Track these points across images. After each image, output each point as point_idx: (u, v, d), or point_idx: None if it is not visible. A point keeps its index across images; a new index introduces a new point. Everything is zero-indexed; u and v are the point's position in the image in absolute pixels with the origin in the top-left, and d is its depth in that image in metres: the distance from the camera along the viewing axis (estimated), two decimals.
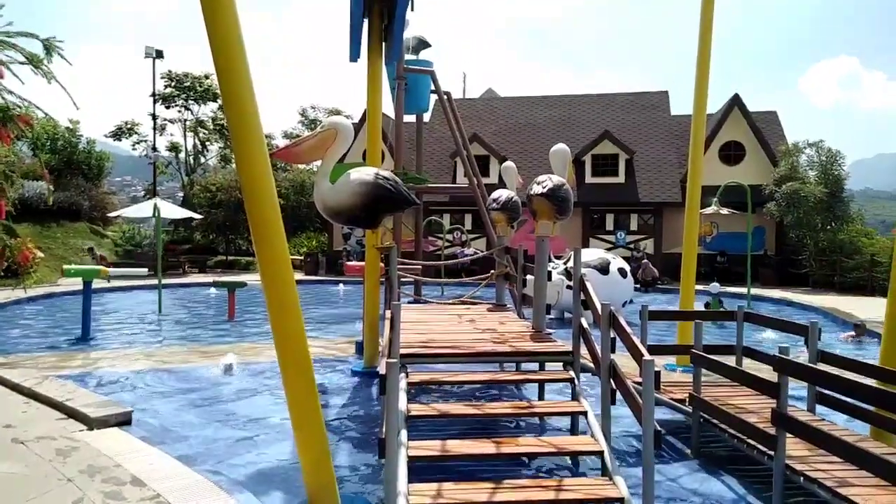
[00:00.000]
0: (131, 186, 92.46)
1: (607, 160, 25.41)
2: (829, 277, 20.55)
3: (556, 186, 5.69)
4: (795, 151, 22.64)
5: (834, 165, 21.53)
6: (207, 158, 38.66)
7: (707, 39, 8.51)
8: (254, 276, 21.50)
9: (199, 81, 35.11)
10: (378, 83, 7.38)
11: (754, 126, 24.55)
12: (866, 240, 20.61)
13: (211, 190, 28.84)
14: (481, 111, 30.29)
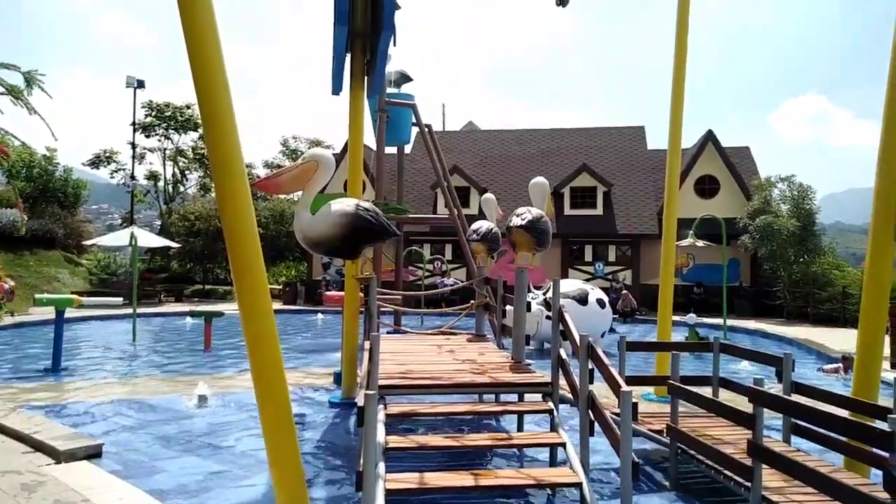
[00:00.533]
0: (108, 214, 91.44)
1: (586, 192, 25.79)
2: (803, 309, 20.90)
3: (535, 219, 5.77)
4: (768, 186, 23.20)
5: (806, 200, 22.08)
6: (186, 187, 38.49)
7: (681, 77, 8.77)
8: (231, 306, 21.26)
9: (180, 111, 35.15)
10: (360, 116, 7.47)
11: (728, 161, 25.15)
12: (838, 272, 21.06)
13: (189, 219, 28.64)
14: (462, 143, 30.66)
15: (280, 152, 44.34)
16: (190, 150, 36.67)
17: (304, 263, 28.77)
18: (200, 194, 37.49)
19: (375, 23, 6.90)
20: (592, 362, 4.38)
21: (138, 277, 16.42)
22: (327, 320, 19.57)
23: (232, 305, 21.82)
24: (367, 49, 7.23)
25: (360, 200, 4.80)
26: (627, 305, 20.93)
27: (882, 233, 5.14)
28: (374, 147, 14.29)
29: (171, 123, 35.15)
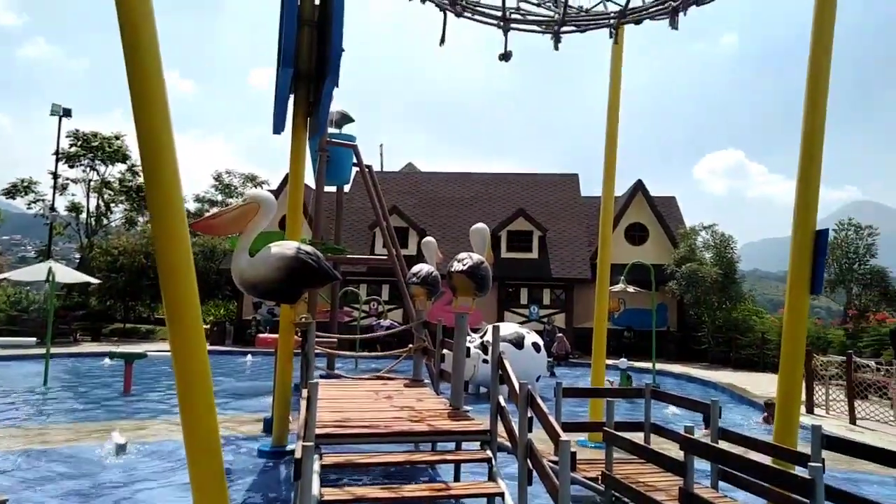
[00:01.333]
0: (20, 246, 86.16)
1: (522, 236, 26.34)
2: (726, 353, 21.82)
3: (475, 264, 5.83)
4: (693, 234, 24.40)
5: (727, 249, 23.31)
6: (111, 220, 36.83)
7: (614, 130, 9.19)
8: (154, 346, 20.23)
9: (108, 142, 33.85)
10: (301, 156, 7.41)
11: (656, 209, 26.34)
12: (757, 318, 22.18)
13: (113, 254, 27.34)
14: (402, 184, 30.85)
15: (213, 187, 43.25)
16: (117, 182, 35.23)
17: (234, 302, 27.87)
18: (125, 228, 35.94)
19: (320, 65, 6.93)
20: (531, 410, 4.40)
21: (53, 315, 15.43)
22: (257, 362, 18.90)
23: (155, 346, 20.76)
24: (311, 91, 7.23)
25: (301, 244, 4.71)
26: (562, 349, 21.24)
27: (798, 285, 5.46)
28: (313, 186, 14.17)
29: (99, 154, 33.77)
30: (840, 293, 21.59)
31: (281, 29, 7.03)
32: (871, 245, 20.39)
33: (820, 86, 5.00)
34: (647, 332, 18.27)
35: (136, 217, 36.54)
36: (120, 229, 36.06)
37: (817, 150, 5.18)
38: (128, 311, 28.92)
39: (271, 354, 8.73)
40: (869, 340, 16.36)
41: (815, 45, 5.01)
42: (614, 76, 8.90)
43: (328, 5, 6.47)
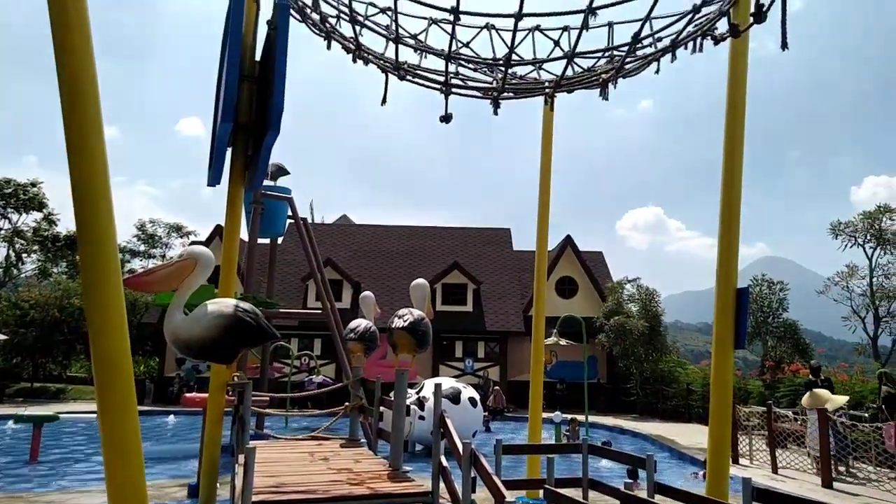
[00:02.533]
0: None
1: (456, 289, 26.51)
2: (654, 405, 22.37)
3: (416, 320, 5.81)
4: (619, 288, 25.27)
5: (652, 302, 24.23)
6: (22, 272, 34.58)
7: (546, 187, 9.54)
8: (66, 407, 18.82)
9: (23, 189, 32.12)
10: (237, 209, 7.25)
11: (585, 264, 27.20)
12: (682, 370, 22.97)
13: (23, 307, 25.55)
14: (336, 236, 30.64)
15: (135, 237, 41.33)
16: (31, 232, 33.29)
17: (156, 358, 26.45)
18: (38, 280, 33.79)
19: (261, 119, 6.90)
20: (474, 469, 4.36)
21: None
22: (180, 423, 17.86)
23: (66, 406, 19.32)
24: (250, 144, 7.17)
25: (240, 301, 4.57)
26: (498, 402, 21.23)
27: (723, 341, 5.74)
28: (246, 238, 13.86)
29: (11, 202, 31.93)
30: (756, 345, 22.74)
31: (219, 83, 6.99)
32: (782, 300, 21.71)
33: (735, 158, 5.41)
34: (579, 384, 18.56)
35: (51, 268, 34.49)
36: (31, 281, 33.86)
37: (735, 218, 5.55)
38: (37, 368, 26.88)
39: (195, 414, 8.30)
40: (785, 390, 17.21)
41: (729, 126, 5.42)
42: (546, 138, 9.31)
43: (270, 61, 6.51)
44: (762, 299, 21.73)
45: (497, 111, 5.08)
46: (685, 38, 4.44)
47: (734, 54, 5.63)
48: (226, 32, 6.74)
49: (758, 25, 3.65)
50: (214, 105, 7.13)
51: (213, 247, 25.49)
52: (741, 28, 4.10)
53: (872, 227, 26.07)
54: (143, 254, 41.03)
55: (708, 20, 4.50)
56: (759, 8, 3.55)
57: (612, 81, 4.87)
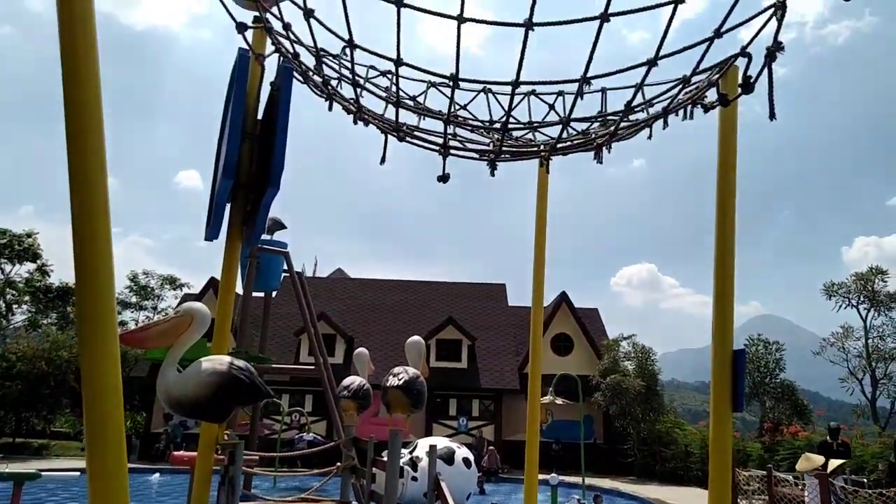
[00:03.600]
0: None
1: (451, 345, 26.30)
2: (652, 467, 21.90)
3: (411, 379, 5.75)
4: (615, 345, 25.13)
5: (648, 360, 24.06)
6: (11, 323, 34.20)
7: (541, 244, 9.61)
8: (48, 464, 18.27)
9: (18, 240, 32.12)
10: (234, 265, 7.27)
11: (580, 321, 27.12)
12: (679, 431, 22.61)
13: (10, 359, 25.13)
14: (330, 290, 30.58)
15: (127, 288, 40.99)
16: (23, 282, 33.10)
17: (143, 413, 25.88)
18: (26, 331, 33.38)
19: (261, 176, 7.00)
20: None
21: None
22: (165, 482, 17.33)
23: (49, 463, 18.75)
24: (249, 200, 7.25)
25: (235, 358, 4.53)
26: (492, 463, 20.73)
27: (721, 404, 5.68)
28: (241, 292, 13.80)
29: (6, 252, 31.88)
30: (754, 406, 22.49)
31: (221, 140, 7.14)
32: (779, 360, 21.62)
33: (727, 221, 5.49)
34: (575, 444, 18.19)
35: (41, 319, 34.12)
36: (20, 332, 33.46)
37: (729, 278, 5.60)
38: (20, 423, 26.22)
39: (182, 473, 8.07)
40: (784, 453, 16.92)
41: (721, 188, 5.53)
42: (541, 197, 9.45)
43: (272, 120, 6.66)
44: (759, 359, 21.64)
45: (494, 173, 5.17)
46: (676, 106, 4.58)
47: (724, 119, 5.79)
48: (229, 91, 6.94)
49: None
50: (215, 161, 7.26)
51: (207, 299, 25.35)
52: (730, 98, 4.24)
53: (865, 288, 26.21)
54: (134, 305, 40.69)
55: (698, 89, 4.65)
56: (746, 79, 3.68)
57: (607, 146, 5.00)
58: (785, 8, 3.35)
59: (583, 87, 4.35)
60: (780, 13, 3.38)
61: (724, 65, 4.37)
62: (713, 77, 4.47)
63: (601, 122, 5.57)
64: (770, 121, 3.73)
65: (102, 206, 3.37)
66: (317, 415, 24.01)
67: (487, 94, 5.66)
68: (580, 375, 19.46)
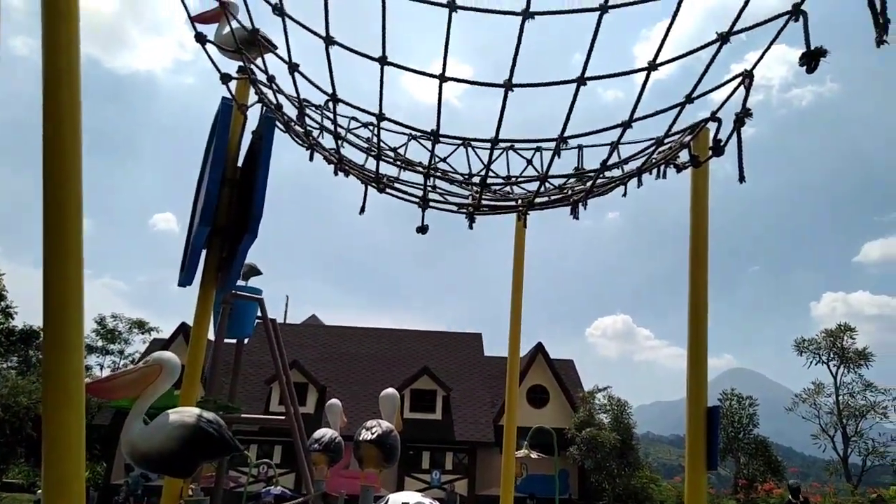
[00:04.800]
0: None
1: (425, 396, 25.90)
2: None
3: (385, 433, 5.64)
4: (590, 398, 25.00)
5: (623, 414, 23.93)
6: None
7: (518, 300, 9.63)
8: None
9: None
10: (207, 312, 7.14)
11: (556, 372, 27.00)
12: (655, 487, 22.35)
13: None
14: (303, 337, 30.10)
15: (94, 332, 39.79)
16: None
17: (103, 464, 24.82)
18: None
19: (239, 223, 6.97)
20: None
21: None
22: None
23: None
24: (226, 246, 7.20)
25: (204, 411, 4.39)
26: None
27: (696, 461, 5.65)
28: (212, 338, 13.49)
29: None
30: (728, 461, 22.38)
31: (200, 185, 7.12)
32: (752, 415, 21.68)
33: (700, 277, 5.59)
34: (550, 499, 17.85)
35: (1, 363, 32.93)
36: None
37: (703, 335, 5.65)
38: None
39: None
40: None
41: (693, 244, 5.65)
42: (518, 250, 9.53)
43: (252, 168, 6.68)
44: (732, 414, 21.67)
45: (472, 226, 5.22)
46: (650, 166, 4.72)
47: (696, 178, 5.96)
48: (211, 138, 6.97)
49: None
50: (193, 206, 7.22)
51: (177, 345, 24.77)
52: (701, 159, 4.38)
53: (835, 345, 26.62)
54: (100, 350, 39.50)
55: (671, 149, 4.80)
56: (716, 142, 3.82)
57: (583, 202, 5.10)
58: (752, 77, 3.51)
59: (560, 146, 4.47)
60: (748, 82, 3.54)
61: (696, 128, 4.53)
62: (685, 139, 4.63)
63: (577, 178, 5.70)
64: (740, 183, 3.85)
65: (76, 250, 3.32)
66: (286, 467, 23.24)
67: (467, 147, 5.77)
68: (555, 428, 19.25)
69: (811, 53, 2.92)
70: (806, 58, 2.95)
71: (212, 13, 5.64)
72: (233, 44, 5.08)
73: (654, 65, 3.19)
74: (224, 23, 5.83)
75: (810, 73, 3.03)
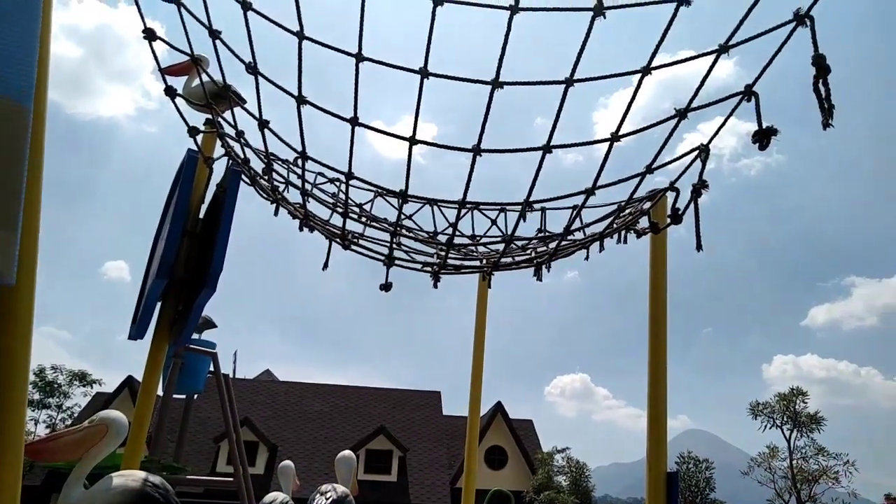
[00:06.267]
0: None
1: (381, 456, 25.18)
2: None
3: (340, 498, 5.43)
4: (549, 459, 24.70)
5: (582, 476, 23.67)
6: None
7: (479, 359, 9.56)
8: None
9: None
10: (158, 367, 6.86)
11: (515, 433, 26.68)
12: None
13: None
14: (256, 393, 29.14)
15: (31, 384, 37.65)
16: None
17: None
18: None
19: (198, 276, 6.82)
20: None
21: None
22: None
23: None
24: (182, 299, 7.01)
25: (150, 475, 4.15)
26: None
27: None
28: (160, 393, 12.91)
29: None
30: None
31: (158, 236, 6.96)
32: (709, 478, 21.69)
33: (660, 341, 5.68)
34: None
35: None
36: None
37: (662, 399, 5.70)
38: None
39: None
40: None
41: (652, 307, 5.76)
42: (480, 309, 9.52)
43: (215, 220, 6.59)
44: (689, 477, 21.66)
45: (436, 285, 5.23)
46: (611, 231, 4.84)
47: (655, 244, 6.13)
48: (173, 189, 6.87)
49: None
50: (149, 256, 7.04)
51: (122, 400, 23.66)
52: (660, 227, 4.52)
53: (788, 409, 27.07)
54: (36, 403, 37.30)
55: (632, 215, 4.95)
56: (675, 211, 3.95)
57: (546, 264, 5.18)
58: (708, 152, 3.69)
59: (525, 210, 4.56)
60: (704, 155, 3.71)
61: (655, 196, 4.70)
62: (645, 206, 4.79)
63: (541, 240, 5.80)
64: (697, 252, 3.97)
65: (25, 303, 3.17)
66: None
67: (433, 206, 5.83)
68: (514, 491, 18.86)
69: (763, 132, 3.10)
70: (758, 135, 3.12)
71: (182, 66, 5.67)
72: (202, 97, 5.09)
73: (617, 136, 3.33)
74: (194, 75, 5.85)
75: (762, 150, 3.20)
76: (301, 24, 3.08)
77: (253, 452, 23.64)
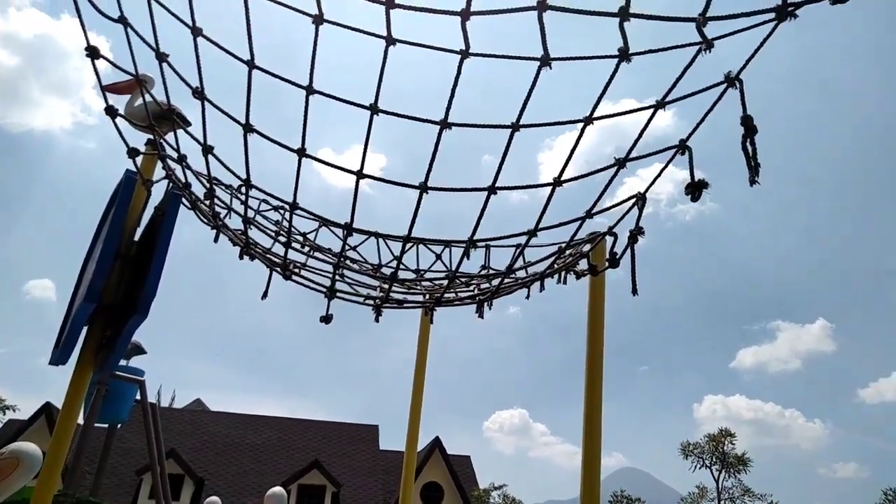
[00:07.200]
0: None
1: (314, 492, 24.42)
2: None
3: None
4: (485, 496, 24.49)
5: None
6: None
7: (419, 390, 9.48)
8: None
9: None
10: (81, 394, 6.48)
11: (452, 469, 26.40)
12: None
13: None
14: (184, 423, 27.92)
15: None
16: None
17: None
18: None
19: (128, 301, 6.55)
20: None
21: None
22: None
23: None
24: (110, 325, 6.70)
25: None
26: None
27: None
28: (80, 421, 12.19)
29: None
30: None
31: (89, 258, 6.67)
32: None
33: (596, 379, 5.78)
34: None
35: None
36: None
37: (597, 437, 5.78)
38: None
39: None
40: None
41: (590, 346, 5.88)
42: (422, 344, 9.47)
43: (150, 244, 6.38)
44: None
45: (378, 319, 5.19)
46: (552, 272, 4.95)
47: (593, 285, 6.29)
48: (108, 209, 6.63)
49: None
50: (78, 278, 6.73)
51: (38, 428, 22.21)
52: (599, 269, 4.65)
53: (717, 450, 27.81)
54: None
55: (572, 257, 5.08)
56: (612, 255, 4.08)
57: (488, 302, 5.23)
58: (645, 199, 3.85)
59: (470, 248, 4.62)
60: (641, 203, 3.87)
61: (594, 240, 4.85)
62: (584, 249, 4.93)
63: (484, 277, 5.87)
64: (633, 296, 4.10)
65: None
66: None
67: (379, 239, 5.83)
68: None
69: (695, 184, 3.26)
70: (691, 188, 3.28)
71: (126, 84, 5.53)
72: (144, 118, 4.97)
73: (559, 181, 3.43)
74: (137, 95, 5.72)
75: (694, 202, 3.36)
76: (252, 52, 3.07)
77: (178, 486, 22.49)
